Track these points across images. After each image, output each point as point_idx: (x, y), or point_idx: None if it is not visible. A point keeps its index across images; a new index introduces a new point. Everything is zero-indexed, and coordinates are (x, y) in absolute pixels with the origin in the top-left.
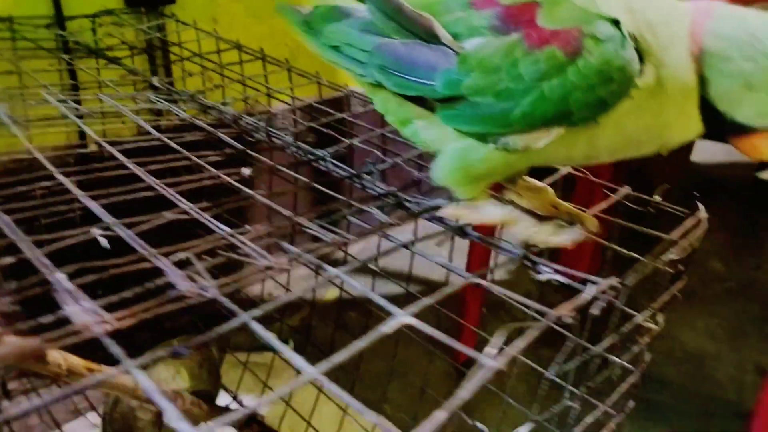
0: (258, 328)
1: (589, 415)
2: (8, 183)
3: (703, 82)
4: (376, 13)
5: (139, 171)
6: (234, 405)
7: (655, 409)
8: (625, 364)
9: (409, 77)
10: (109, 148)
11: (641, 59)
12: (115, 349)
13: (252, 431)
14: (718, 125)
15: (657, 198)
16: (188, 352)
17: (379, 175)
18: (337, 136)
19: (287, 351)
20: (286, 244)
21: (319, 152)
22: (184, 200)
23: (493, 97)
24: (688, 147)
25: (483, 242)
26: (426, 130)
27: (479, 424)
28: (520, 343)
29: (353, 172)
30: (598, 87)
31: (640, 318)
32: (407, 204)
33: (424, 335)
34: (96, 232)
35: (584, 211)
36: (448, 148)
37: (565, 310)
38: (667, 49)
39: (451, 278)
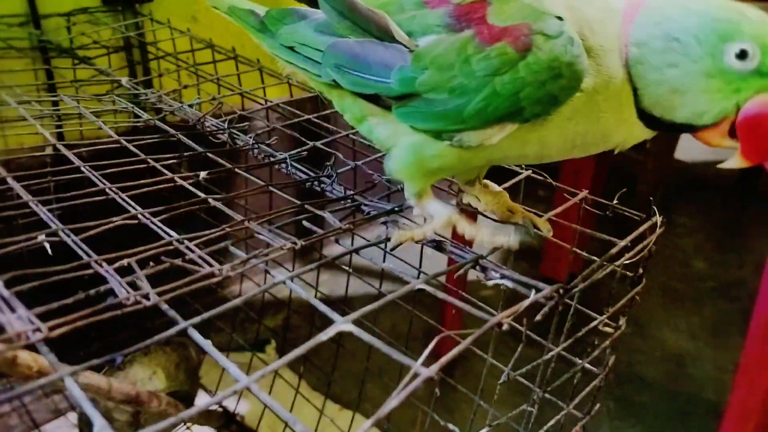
0: (196, 335)
1: (553, 418)
2: None
3: (634, 89)
4: (331, 12)
5: (93, 175)
6: (214, 406)
7: (634, 409)
8: (587, 365)
9: (365, 75)
10: (64, 151)
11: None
12: (50, 356)
13: (231, 431)
14: (664, 126)
15: (615, 202)
16: (121, 360)
17: (337, 178)
18: (303, 138)
19: (221, 357)
20: (234, 249)
21: (280, 155)
22: (135, 205)
23: (447, 94)
24: (671, 143)
25: (435, 249)
26: (381, 128)
27: (451, 425)
28: (454, 351)
29: (312, 175)
30: (549, 82)
31: (595, 321)
32: (363, 207)
33: (409, 336)
34: (42, 238)
35: (540, 215)
36: (402, 143)
37: (505, 316)
38: (603, 53)
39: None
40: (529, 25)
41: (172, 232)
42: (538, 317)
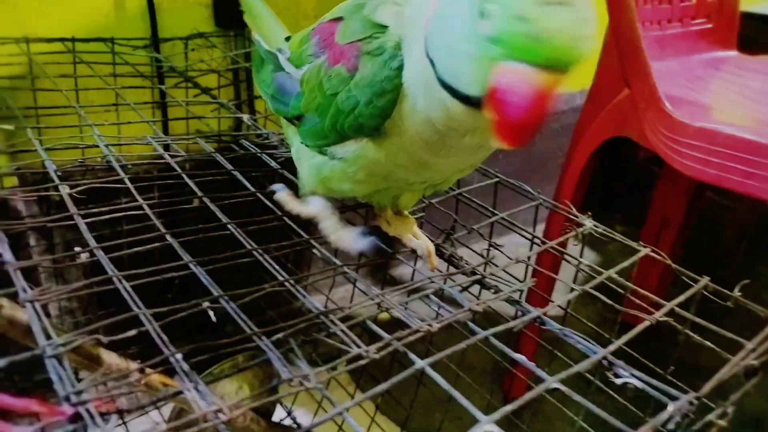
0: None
1: None
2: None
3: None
4: (265, 55)
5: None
6: (288, 421)
7: None
8: None
9: (280, 102)
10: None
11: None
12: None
13: None
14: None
15: (737, 294)
16: None
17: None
18: None
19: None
20: (374, 326)
21: None
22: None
23: (314, 113)
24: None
25: (557, 334)
26: (296, 150)
27: None
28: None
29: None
30: (375, 98)
31: (712, 416)
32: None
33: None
34: (206, 304)
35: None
36: (304, 162)
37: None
38: (414, 44)
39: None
40: (358, 46)
41: (317, 303)
42: (671, 426)
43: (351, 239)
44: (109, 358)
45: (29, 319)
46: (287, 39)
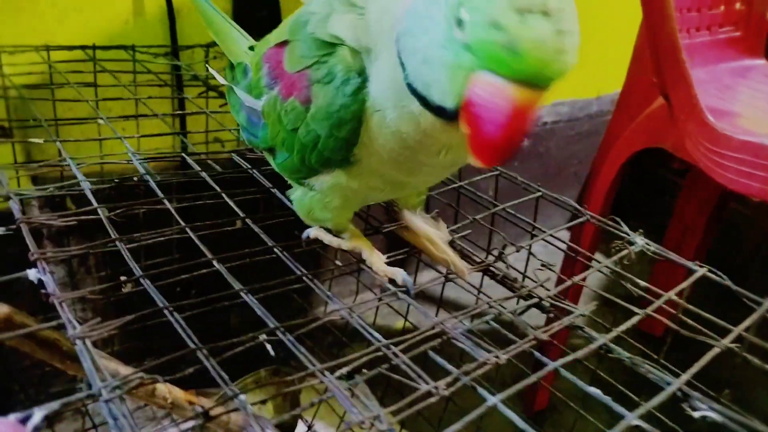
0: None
1: None
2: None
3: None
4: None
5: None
6: None
7: None
8: None
9: (250, 134)
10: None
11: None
12: None
13: None
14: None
15: None
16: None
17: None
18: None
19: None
20: (437, 358)
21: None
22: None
23: (281, 147)
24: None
25: (625, 363)
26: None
27: None
28: None
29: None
30: (335, 130)
31: None
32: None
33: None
34: (263, 337)
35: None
36: (292, 196)
37: None
38: (379, 50)
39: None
40: (307, 74)
41: (378, 336)
42: None
43: (397, 269)
44: (160, 387)
45: (79, 356)
46: (251, 48)
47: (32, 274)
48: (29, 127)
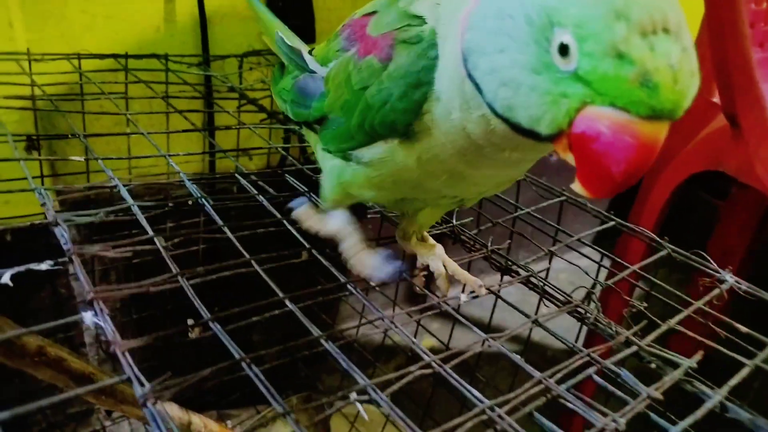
0: None
1: None
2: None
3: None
4: (285, 57)
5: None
6: None
7: None
8: None
9: (301, 105)
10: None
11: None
12: None
13: None
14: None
15: None
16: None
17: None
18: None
19: None
20: (543, 420)
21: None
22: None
23: (340, 112)
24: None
25: (751, 426)
26: (318, 155)
27: None
28: None
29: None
30: (411, 90)
31: None
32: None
33: None
34: (353, 396)
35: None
36: (326, 168)
37: None
38: (447, 43)
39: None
40: (393, 35)
41: (482, 398)
42: None
43: (374, 265)
44: (195, 420)
45: (149, 420)
46: (310, 52)
47: (88, 318)
48: (54, 138)
